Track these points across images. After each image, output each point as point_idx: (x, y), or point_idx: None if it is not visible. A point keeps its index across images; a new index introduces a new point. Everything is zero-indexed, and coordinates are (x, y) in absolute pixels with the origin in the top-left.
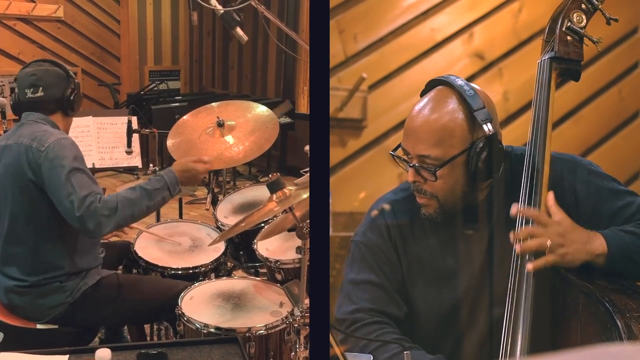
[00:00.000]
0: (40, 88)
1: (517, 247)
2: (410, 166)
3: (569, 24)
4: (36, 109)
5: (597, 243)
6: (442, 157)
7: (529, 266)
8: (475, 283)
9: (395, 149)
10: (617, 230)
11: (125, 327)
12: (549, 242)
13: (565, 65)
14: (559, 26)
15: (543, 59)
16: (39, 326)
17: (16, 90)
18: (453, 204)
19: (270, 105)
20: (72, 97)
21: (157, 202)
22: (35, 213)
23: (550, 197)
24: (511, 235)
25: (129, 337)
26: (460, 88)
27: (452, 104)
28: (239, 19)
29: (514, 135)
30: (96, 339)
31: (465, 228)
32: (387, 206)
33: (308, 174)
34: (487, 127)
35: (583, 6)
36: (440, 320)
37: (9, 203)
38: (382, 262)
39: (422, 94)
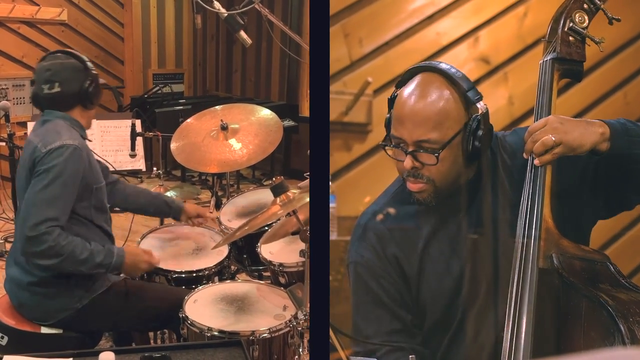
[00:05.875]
0: (57, 84)
1: (536, 161)
2: (408, 153)
3: (571, 24)
4: (55, 104)
5: (597, 124)
6: (441, 140)
7: (537, 161)
8: (474, 271)
9: (384, 140)
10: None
11: None
12: (553, 137)
13: (568, 66)
14: (560, 26)
15: (545, 59)
16: (43, 330)
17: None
18: (447, 187)
19: (274, 109)
20: (90, 90)
21: (90, 271)
22: None
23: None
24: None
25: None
26: (448, 71)
27: (443, 87)
28: (242, 22)
29: None
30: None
31: (460, 210)
32: (374, 217)
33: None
34: (480, 105)
35: (585, 6)
36: (443, 311)
37: (22, 197)
38: (380, 277)
39: (402, 83)
